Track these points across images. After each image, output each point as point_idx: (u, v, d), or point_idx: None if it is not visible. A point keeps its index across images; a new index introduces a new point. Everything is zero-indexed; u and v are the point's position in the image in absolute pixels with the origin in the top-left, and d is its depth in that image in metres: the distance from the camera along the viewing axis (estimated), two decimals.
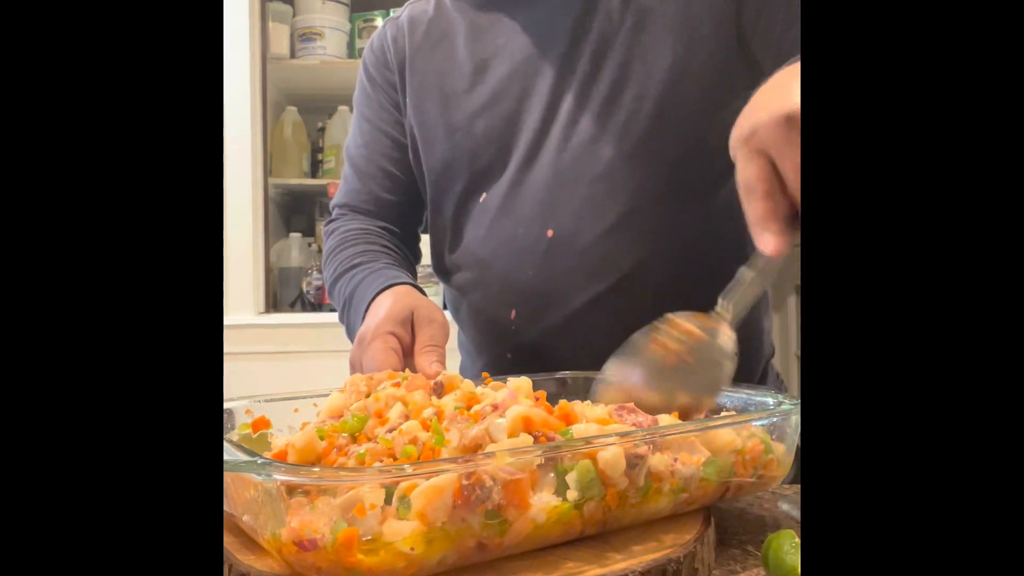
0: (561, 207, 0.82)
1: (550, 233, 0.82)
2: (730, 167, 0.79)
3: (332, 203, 1.02)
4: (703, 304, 0.82)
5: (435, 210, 0.95)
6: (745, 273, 0.59)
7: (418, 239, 1.05)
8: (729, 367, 0.60)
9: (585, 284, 0.81)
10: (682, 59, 0.80)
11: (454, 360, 1.08)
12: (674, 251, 0.82)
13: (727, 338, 0.60)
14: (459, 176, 0.90)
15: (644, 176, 0.81)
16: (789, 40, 0.77)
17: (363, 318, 0.79)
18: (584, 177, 0.82)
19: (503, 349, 0.88)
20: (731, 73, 0.80)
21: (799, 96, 0.51)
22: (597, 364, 0.66)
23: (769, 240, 0.55)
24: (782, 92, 0.54)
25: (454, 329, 1.04)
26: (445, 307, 1.01)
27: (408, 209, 0.99)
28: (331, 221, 1.01)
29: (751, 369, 0.90)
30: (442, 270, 0.96)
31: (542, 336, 0.84)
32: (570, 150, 0.83)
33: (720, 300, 0.61)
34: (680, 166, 0.82)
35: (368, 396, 0.58)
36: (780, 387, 0.98)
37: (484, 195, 0.88)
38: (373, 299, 0.81)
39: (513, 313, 0.85)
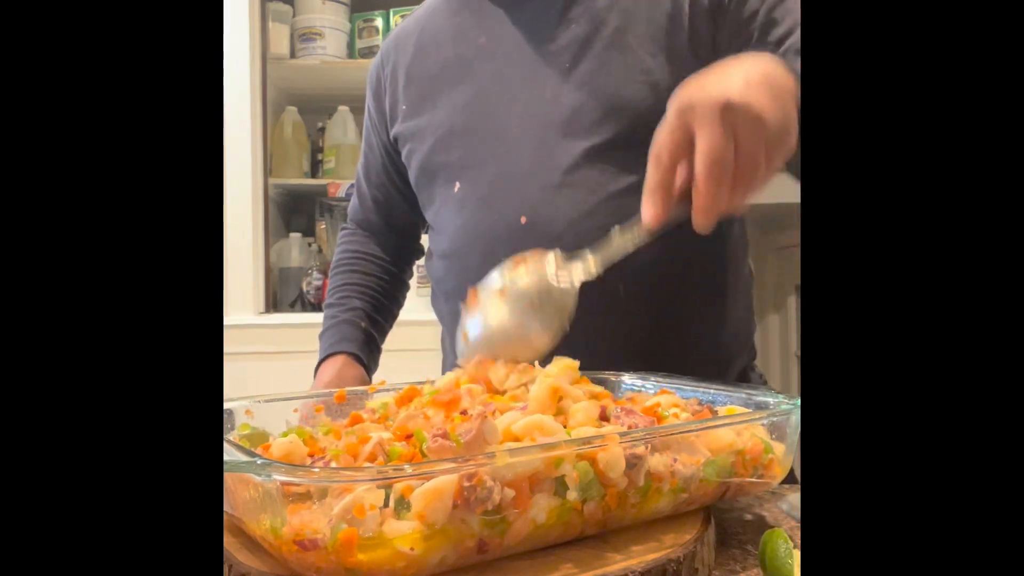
0: (536, 195, 0.84)
1: (524, 220, 0.84)
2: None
3: (348, 208, 1.16)
4: (679, 294, 0.84)
5: (424, 209, 1.00)
6: (617, 233, 0.65)
7: (416, 241, 1.15)
8: (571, 308, 0.66)
9: None
10: (661, 67, 0.83)
11: (435, 360, 1.09)
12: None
13: (572, 283, 0.66)
14: (439, 170, 0.93)
15: (617, 168, 0.83)
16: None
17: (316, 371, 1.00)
18: (559, 167, 0.84)
19: None
20: None
21: (741, 84, 0.55)
22: (569, 350, 0.65)
23: (650, 210, 0.59)
24: (726, 77, 0.57)
25: (436, 329, 1.05)
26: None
27: (401, 227, 1.10)
28: (343, 228, 1.14)
29: (721, 365, 0.91)
30: (428, 260, 1.02)
31: None
32: (546, 142, 0.85)
33: (588, 253, 0.67)
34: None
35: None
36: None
37: (457, 184, 0.91)
38: (321, 362, 0.99)
39: None
